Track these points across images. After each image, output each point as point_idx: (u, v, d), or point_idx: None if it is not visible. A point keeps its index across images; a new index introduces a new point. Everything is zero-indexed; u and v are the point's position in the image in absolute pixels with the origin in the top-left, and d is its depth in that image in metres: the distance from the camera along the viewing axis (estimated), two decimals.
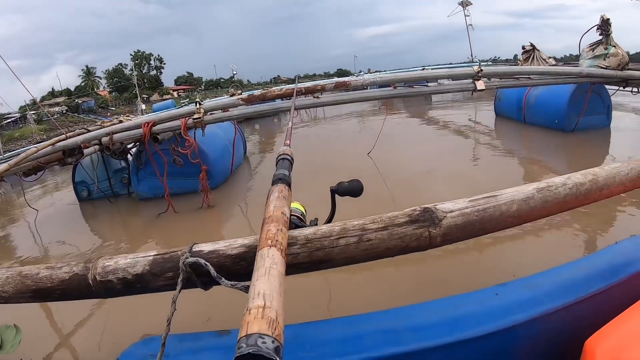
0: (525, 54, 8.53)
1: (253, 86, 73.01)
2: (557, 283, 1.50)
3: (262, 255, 0.97)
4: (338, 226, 1.33)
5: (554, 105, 7.69)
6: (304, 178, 5.48)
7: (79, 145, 5.57)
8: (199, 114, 5.18)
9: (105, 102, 76.61)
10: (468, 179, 5.51)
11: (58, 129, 22.44)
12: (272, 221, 1.14)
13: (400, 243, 1.33)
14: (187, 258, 1.23)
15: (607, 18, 6.79)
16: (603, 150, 6.67)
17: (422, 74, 6.04)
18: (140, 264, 1.33)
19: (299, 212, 1.61)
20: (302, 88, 5.34)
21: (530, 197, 1.50)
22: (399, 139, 8.83)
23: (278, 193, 1.33)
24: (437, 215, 1.37)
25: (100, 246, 4.92)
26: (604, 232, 3.57)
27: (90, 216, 6.28)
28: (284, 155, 1.66)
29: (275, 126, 13.49)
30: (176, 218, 5.18)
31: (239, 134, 7.32)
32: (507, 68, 7.76)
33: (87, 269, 1.40)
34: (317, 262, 1.30)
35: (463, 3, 23.44)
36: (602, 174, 1.67)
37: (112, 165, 6.63)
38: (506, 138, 8.63)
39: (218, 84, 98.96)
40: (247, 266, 1.26)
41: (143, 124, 5.26)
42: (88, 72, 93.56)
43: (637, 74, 6.59)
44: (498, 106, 9.82)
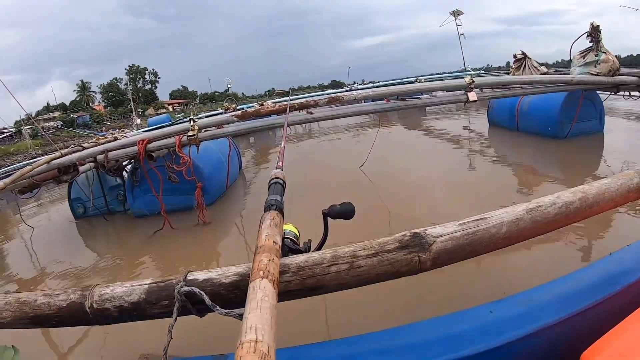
0: (516, 63, 8.56)
1: (247, 99, 72.97)
2: (552, 297, 1.51)
3: (254, 287, 1.00)
4: (329, 253, 1.36)
5: (546, 113, 7.73)
6: (298, 192, 5.50)
7: (75, 163, 5.57)
8: (194, 131, 5.19)
9: (100, 116, 76.54)
10: (462, 189, 5.54)
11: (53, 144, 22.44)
12: (264, 251, 1.16)
13: (391, 269, 1.36)
14: (182, 287, 1.26)
15: (597, 25, 6.86)
16: (596, 156, 6.72)
17: (414, 87, 6.07)
18: (136, 293, 1.36)
19: (292, 234, 1.64)
20: (296, 103, 5.37)
21: (520, 218, 1.53)
22: (393, 150, 8.84)
23: (270, 220, 1.35)
24: (427, 240, 1.40)
25: (97, 264, 4.90)
26: (598, 242, 3.57)
27: (86, 233, 6.26)
28: (276, 180, 1.67)
29: (270, 139, 13.47)
30: (172, 235, 5.18)
31: (233, 148, 7.34)
32: (499, 78, 7.82)
33: (84, 296, 1.43)
34: (309, 289, 1.33)
35: (454, 12, 23.43)
36: (592, 191, 1.70)
37: (107, 182, 6.61)
38: (500, 146, 8.68)
39: (213, 97, 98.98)
40: (241, 294, 1.28)
41: (138, 142, 5.27)
42: (83, 86, 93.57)
43: (627, 79, 6.70)
44: (491, 115, 9.87)
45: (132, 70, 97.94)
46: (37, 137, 45.46)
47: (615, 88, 6.84)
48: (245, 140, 13.84)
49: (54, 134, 48.18)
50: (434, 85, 6.10)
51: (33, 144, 43.26)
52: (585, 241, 3.58)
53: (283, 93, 36.90)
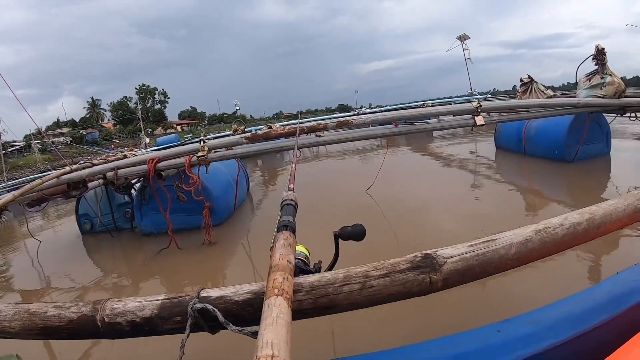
0: (523, 87, 8.61)
1: (256, 121, 73.37)
2: (559, 317, 1.50)
3: (269, 304, 1.01)
4: (342, 273, 1.37)
5: (553, 136, 7.74)
6: (306, 214, 5.51)
7: (84, 178, 5.61)
8: (203, 152, 5.23)
9: (109, 134, 76.98)
10: (470, 213, 5.52)
11: (62, 159, 22.55)
12: (279, 270, 1.17)
13: (402, 289, 1.37)
14: (195, 304, 1.27)
15: (602, 48, 6.92)
16: (604, 179, 6.72)
17: (422, 112, 6.10)
18: (148, 308, 1.37)
19: (303, 255, 1.65)
20: (305, 127, 5.39)
21: (529, 240, 1.54)
22: (401, 173, 8.87)
23: (284, 240, 1.36)
24: (438, 261, 1.41)
25: (102, 280, 4.92)
26: (605, 261, 3.57)
27: (92, 249, 6.27)
28: (288, 201, 1.69)
29: (278, 162, 13.51)
30: (178, 254, 5.17)
31: (242, 170, 7.36)
32: (506, 102, 7.85)
33: (95, 310, 1.44)
34: (322, 308, 1.34)
35: (461, 37, 23.59)
36: (599, 212, 1.71)
37: (115, 199, 6.63)
38: (507, 170, 8.70)
39: (221, 119, 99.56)
40: (254, 312, 1.29)
41: (148, 160, 5.30)
42: (93, 104, 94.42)
43: (633, 100, 6.75)
44: (498, 139, 9.89)
45: (142, 89, 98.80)
46: (46, 151, 45.78)
47: (621, 110, 6.90)
48: (253, 162, 13.87)
49: (63, 150, 48.40)
50: (442, 109, 6.13)
51: (42, 158, 43.56)
52: (592, 260, 3.58)
53: (291, 116, 37.21)
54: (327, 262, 1.72)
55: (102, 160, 6.16)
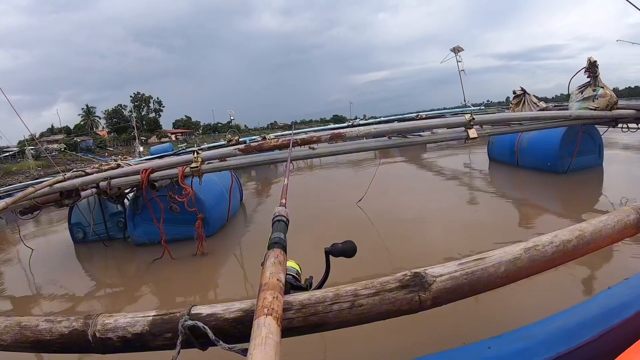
0: (516, 99, 8.68)
1: (250, 131, 73.40)
2: (550, 332, 1.50)
3: (258, 324, 1.02)
4: (331, 292, 1.38)
5: (546, 148, 7.81)
6: (298, 226, 5.52)
7: (77, 187, 5.60)
8: (197, 163, 5.22)
9: (103, 142, 76.77)
10: (462, 225, 5.52)
11: (55, 167, 22.50)
12: (269, 288, 1.18)
13: (392, 307, 1.38)
14: (186, 321, 1.28)
15: (595, 60, 7.00)
16: (596, 190, 6.80)
17: (415, 124, 6.10)
18: (140, 324, 1.37)
19: (294, 270, 1.66)
20: (298, 139, 5.38)
21: (518, 258, 1.56)
22: (394, 185, 8.86)
23: (274, 259, 1.37)
24: (427, 280, 1.43)
25: (94, 290, 4.91)
26: (597, 276, 3.58)
27: (85, 259, 6.26)
28: (280, 217, 1.69)
29: (272, 173, 13.49)
30: (171, 265, 5.16)
31: (235, 181, 7.35)
32: (499, 115, 7.88)
33: (87, 325, 1.44)
34: (312, 326, 1.35)
35: (455, 49, 23.83)
36: (589, 229, 1.73)
37: (108, 209, 6.62)
38: (500, 182, 8.74)
39: (215, 128, 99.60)
40: (244, 330, 1.30)
41: (141, 171, 5.29)
42: (88, 111, 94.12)
43: (625, 112, 6.83)
44: (491, 151, 9.95)
45: (137, 97, 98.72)
46: (39, 158, 45.66)
47: (613, 122, 6.98)
48: (247, 173, 13.87)
49: (57, 157, 48.26)
50: (435, 122, 6.16)
51: (35, 164, 43.46)
52: (583, 275, 3.58)
53: (285, 126, 37.19)
54: (318, 276, 1.73)
55: (95, 169, 6.14)
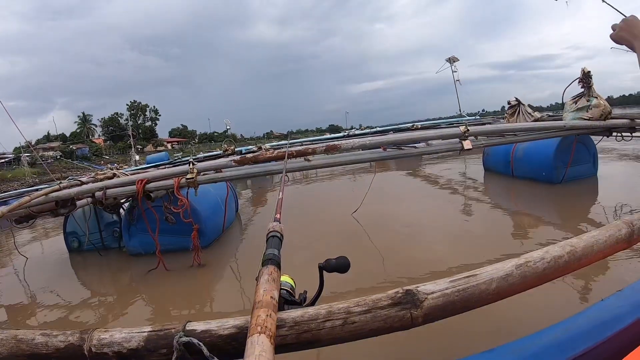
0: (511, 109, 8.74)
1: (246, 141, 73.33)
2: (544, 345, 1.49)
3: (252, 342, 1.04)
4: (324, 309, 1.39)
5: (540, 158, 7.88)
6: (293, 238, 5.54)
7: (72, 197, 5.61)
8: (192, 174, 5.25)
9: (99, 150, 76.66)
10: (457, 237, 5.56)
11: (50, 174, 22.47)
12: (262, 306, 1.19)
13: (384, 324, 1.40)
14: (180, 337, 1.29)
15: (588, 71, 7.09)
16: (591, 200, 6.84)
17: (410, 136, 6.12)
18: (135, 340, 1.38)
19: (289, 285, 1.68)
20: (294, 151, 5.40)
21: (509, 274, 1.57)
22: (390, 196, 8.90)
23: (268, 276, 1.38)
24: (419, 297, 1.44)
25: (89, 300, 4.90)
26: (589, 289, 3.60)
27: (79, 268, 6.25)
28: (274, 233, 1.69)
29: (267, 182, 13.48)
30: (166, 276, 5.17)
31: (231, 191, 7.36)
32: (493, 127, 7.91)
33: (82, 339, 1.44)
34: (305, 343, 1.36)
35: (450, 59, 23.84)
36: (581, 244, 1.74)
37: (104, 218, 6.62)
38: (495, 192, 8.78)
39: (212, 137, 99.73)
40: (238, 346, 1.31)
41: (137, 181, 5.31)
42: (84, 118, 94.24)
43: (619, 122, 6.93)
44: (486, 161, 10.03)
45: (133, 106, 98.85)
46: (35, 165, 45.57)
47: (607, 131, 7.08)
48: (243, 182, 13.87)
49: (52, 164, 48.17)
50: (430, 133, 6.18)
51: (30, 172, 43.37)
52: (577, 287, 3.60)
53: (281, 136, 37.08)
54: (312, 289, 1.75)
55: (91, 179, 6.15)
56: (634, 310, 1.60)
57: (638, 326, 1.55)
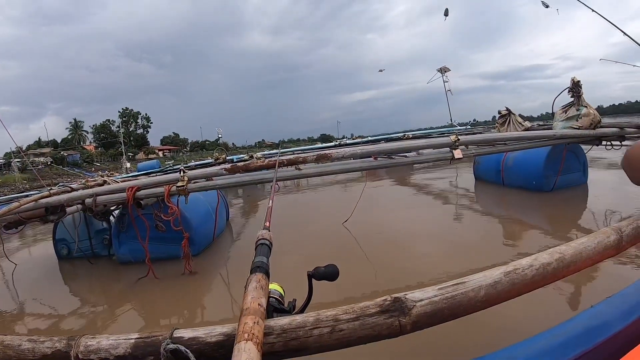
0: (501, 118, 8.78)
1: (238, 150, 73.43)
2: (533, 353, 1.49)
3: (239, 349, 1.04)
4: (312, 317, 1.39)
5: (531, 167, 7.92)
6: (285, 246, 5.55)
7: (62, 204, 5.58)
8: (183, 182, 5.23)
9: (90, 156, 76.35)
10: (449, 245, 5.57)
11: (41, 180, 22.36)
12: (250, 313, 1.19)
13: (372, 332, 1.39)
14: (168, 344, 1.28)
15: (578, 81, 7.17)
16: (581, 208, 6.86)
17: (401, 145, 6.13)
18: (122, 346, 1.37)
19: (278, 293, 1.67)
20: (285, 159, 5.39)
21: (498, 282, 1.57)
22: (380, 205, 8.88)
23: (256, 283, 1.38)
24: (407, 305, 1.44)
25: (78, 308, 4.85)
26: (579, 295, 3.60)
27: (68, 276, 6.20)
28: (263, 240, 1.70)
29: (259, 191, 13.46)
30: (157, 284, 5.14)
31: (221, 200, 7.34)
32: (484, 136, 7.94)
33: (69, 346, 1.44)
34: (293, 350, 1.36)
35: (441, 69, 23.94)
36: (569, 252, 1.75)
37: (94, 225, 6.57)
38: (486, 201, 8.80)
39: (203, 145, 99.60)
40: (226, 354, 1.31)
41: (127, 189, 5.29)
42: (76, 125, 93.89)
43: (609, 131, 6.99)
44: (477, 170, 10.03)
45: (125, 113, 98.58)
46: (25, 171, 45.34)
47: (597, 140, 7.14)
48: (233, 191, 13.84)
49: (43, 170, 47.94)
50: (420, 143, 6.20)
51: (21, 177, 43.12)
52: (566, 294, 3.59)
53: (273, 145, 37.19)
54: (301, 299, 1.74)
55: (81, 185, 6.13)
56: (624, 318, 1.61)
57: (627, 333, 1.55)
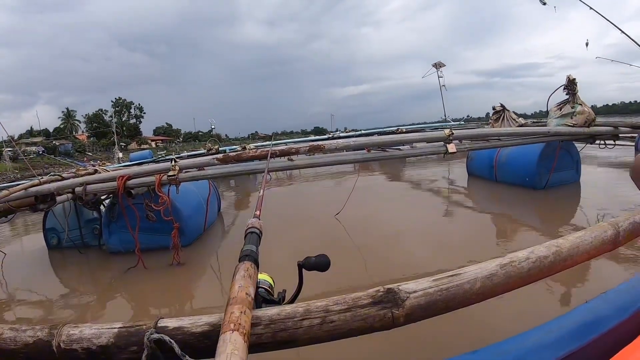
0: (495, 114, 8.79)
1: (231, 141, 73.23)
2: (527, 348, 1.48)
3: (224, 339, 1.00)
4: (302, 307, 1.36)
5: (524, 164, 7.91)
6: (275, 236, 5.53)
7: (52, 192, 5.52)
8: (174, 172, 5.18)
9: (82, 146, 76.03)
10: (440, 240, 5.56)
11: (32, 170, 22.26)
12: (236, 303, 1.16)
13: (364, 324, 1.36)
14: (151, 334, 1.24)
15: (573, 78, 7.16)
16: (574, 206, 6.87)
17: (395, 138, 6.11)
18: (105, 336, 1.33)
19: (267, 284, 1.64)
20: (277, 150, 5.35)
21: (494, 274, 1.54)
22: (372, 199, 8.85)
23: (244, 272, 1.34)
24: (400, 296, 1.41)
25: (67, 297, 4.83)
26: (574, 291, 3.60)
27: (58, 265, 6.16)
28: (252, 229, 1.66)
29: (251, 183, 13.43)
30: (146, 274, 5.10)
31: (213, 191, 7.30)
32: (478, 131, 7.95)
33: (51, 335, 1.40)
34: (281, 342, 1.32)
35: (436, 65, 24.03)
36: (566, 245, 1.72)
37: (84, 215, 6.52)
38: (478, 197, 8.80)
39: (196, 136, 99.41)
40: (211, 344, 1.26)
41: (118, 177, 5.23)
42: (68, 114, 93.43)
43: (603, 129, 7.01)
44: (470, 165, 10.01)
45: (118, 103, 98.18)
46: (17, 160, 45.10)
47: (591, 138, 7.17)
48: (226, 183, 13.79)
49: (34, 159, 47.72)
50: (414, 136, 6.19)
51: (12, 167, 42.91)
52: (561, 289, 3.59)
53: (266, 137, 37.11)
54: (291, 290, 1.71)
55: (71, 174, 6.08)
56: (618, 314, 1.59)
57: (621, 329, 1.53)
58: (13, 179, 28.60)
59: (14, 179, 28.17)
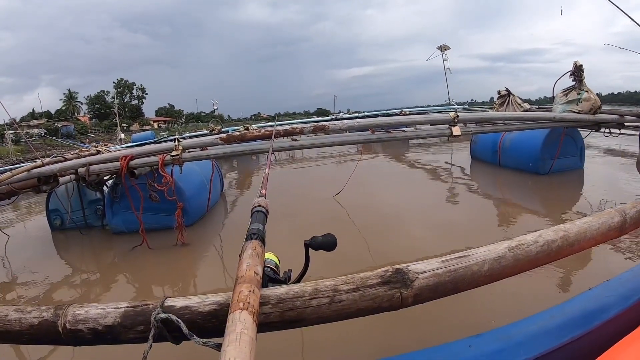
0: (500, 99, 8.74)
1: (233, 122, 73.19)
2: (531, 332, 1.48)
3: (233, 318, 0.98)
4: (310, 286, 1.34)
5: (528, 149, 7.88)
6: (279, 217, 5.49)
7: (55, 173, 5.51)
8: (177, 151, 5.16)
9: (84, 128, 75.87)
10: (442, 223, 5.54)
11: (35, 152, 22.24)
12: (245, 282, 1.14)
13: (372, 304, 1.35)
14: (158, 313, 1.23)
15: (580, 64, 7.09)
16: (577, 193, 6.89)
17: (399, 119, 6.09)
18: (111, 315, 1.32)
19: (273, 263, 1.63)
20: (281, 130, 5.34)
21: (502, 257, 1.54)
22: (375, 180, 8.88)
23: (252, 250, 1.33)
24: (409, 277, 1.39)
25: (70, 278, 4.84)
26: (578, 277, 3.59)
27: (61, 246, 6.17)
28: (259, 208, 1.65)
29: (253, 163, 13.41)
30: (150, 254, 5.10)
31: (216, 171, 7.28)
32: (483, 114, 7.91)
33: (57, 315, 1.38)
34: (289, 321, 1.31)
35: (441, 47, 23.93)
36: (574, 230, 1.72)
37: (87, 196, 6.51)
38: (482, 181, 8.81)
39: (199, 117, 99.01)
40: (219, 324, 1.26)
41: (121, 157, 5.21)
42: (70, 96, 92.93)
43: (608, 117, 6.95)
44: (474, 149, 9.98)
45: (120, 84, 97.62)
46: (19, 143, 45.03)
47: (596, 126, 7.10)
48: (228, 163, 13.78)
49: (37, 142, 47.65)
50: (419, 118, 6.15)
51: (15, 149, 42.87)
52: (565, 276, 3.59)
53: (269, 118, 37.13)
54: (297, 270, 1.70)
55: (74, 155, 6.07)
56: (621, 302, 1.60)
57: (624, 317, 1.54)
58: (15, 162, 28.60)
59: (16, 162, 28.16)
